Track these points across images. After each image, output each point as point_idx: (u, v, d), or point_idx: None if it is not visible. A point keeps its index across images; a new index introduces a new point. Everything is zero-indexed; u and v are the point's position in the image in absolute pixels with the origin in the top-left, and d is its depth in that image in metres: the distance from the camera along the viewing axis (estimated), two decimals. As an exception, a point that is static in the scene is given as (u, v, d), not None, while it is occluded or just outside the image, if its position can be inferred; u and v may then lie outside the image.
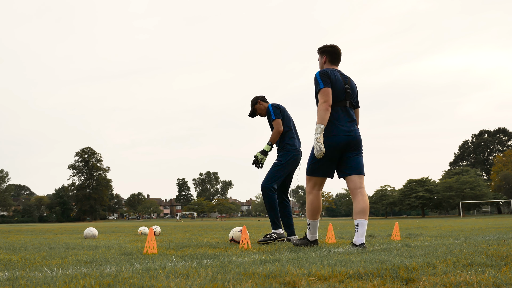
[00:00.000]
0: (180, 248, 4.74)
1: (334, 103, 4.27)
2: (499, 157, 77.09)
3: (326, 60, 4.52)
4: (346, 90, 4.36)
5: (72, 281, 2.37)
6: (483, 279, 2.19)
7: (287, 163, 5.24)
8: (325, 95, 4.22)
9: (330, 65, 4.51)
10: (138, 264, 3.19)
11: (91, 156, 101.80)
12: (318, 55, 4.60)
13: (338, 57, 4.53)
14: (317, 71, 4.38)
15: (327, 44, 4.55)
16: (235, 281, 2.27)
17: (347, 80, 4.43)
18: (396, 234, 5.98)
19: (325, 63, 4.53)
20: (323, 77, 4.28)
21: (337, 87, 4.31)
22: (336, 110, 4.29)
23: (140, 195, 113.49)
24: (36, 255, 4.21)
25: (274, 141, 5.27)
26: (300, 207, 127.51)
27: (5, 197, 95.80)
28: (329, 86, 4.24)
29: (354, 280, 2.26)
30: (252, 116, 5.65)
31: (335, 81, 4.30)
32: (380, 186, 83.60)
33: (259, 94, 5.69)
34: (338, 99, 4.31)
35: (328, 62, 4.52)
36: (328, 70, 4.35)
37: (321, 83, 4.26)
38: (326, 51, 4.52)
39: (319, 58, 4.60)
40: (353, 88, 4.47)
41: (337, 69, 4.50)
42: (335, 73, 4.36)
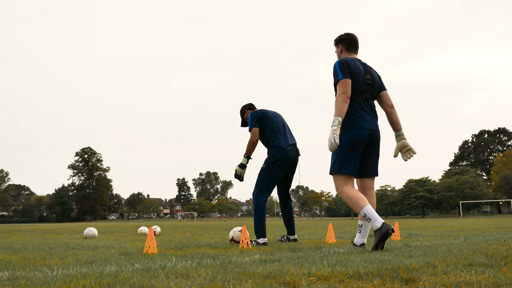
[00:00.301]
0: (180, 248, 4.74)
1: (355, 95, 4.06)
2: (499, 157, 77.08)
3: (342, 50, 4.32)
4: (367, 81, 4.14)
5: (72, 281, 2.37)
6: (483, 279, 2.19)
7: (271, 166, 5.11)
8: (344, 86, 3.99)
9: (348, 54, 4.30)
10: (138, 264, 3.19)
11: (91, 156, 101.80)
12: (335, 47, 4.41)
13: (354, 45, 4.31)
14: (336, 61, 4.15)
15: (341, 34, 4.37)
16: (235, 281, 2.27)
17: (367, 70, 4.21)
18: (396, 234, 5.98)
19: (341, 52, 4.33)
20: (342, 67, 4.06)
21: (358, 78, 4.08)
22: (358, 103, 4.07)
23: (140, 195, 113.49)
24: (36, 255, 4.21)
25: (249, 152, 5.20)
26: (300, 207, 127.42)
27: (5, 197, 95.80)
28: (348, 77, 4.01)
29: (354, 280, 2.26)
30: (243, 126, 5.68)
31: (355, 71, 4.07)
32: (380, 186, 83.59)
33: (246, 103, 5.71)
34: (360, 90, 4.08)
35: (345, 51, 4.31)
36: (348, 59, 4.12)
37: (340, 73, 4.03)
38: (341, 40, 4.33)
39: (335, 50, 4.41)
40: (374, 78, 4.23)
41: (357, 58, 4.29)
42: (355, 63, 4.14)
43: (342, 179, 4.08)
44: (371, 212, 3.86)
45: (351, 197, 3.97)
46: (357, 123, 4.02)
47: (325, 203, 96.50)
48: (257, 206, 5.08)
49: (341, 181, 4.08)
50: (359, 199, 3.92)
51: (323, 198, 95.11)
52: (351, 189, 4.02)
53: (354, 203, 3.95)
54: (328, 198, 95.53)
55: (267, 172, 5.13)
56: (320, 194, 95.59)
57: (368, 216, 3.87)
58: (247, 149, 5.21)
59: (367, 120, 4.07)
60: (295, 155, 5.26)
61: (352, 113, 4.04)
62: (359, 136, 4.00)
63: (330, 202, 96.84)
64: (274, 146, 5.17)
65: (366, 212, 3.87)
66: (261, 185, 5.12)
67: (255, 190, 5.14)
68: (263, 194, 5.10)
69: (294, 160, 5.26)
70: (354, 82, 4.05)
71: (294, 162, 5.27)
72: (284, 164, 5.15)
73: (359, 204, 3.90)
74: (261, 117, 5.28)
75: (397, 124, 4.28)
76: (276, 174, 5.14)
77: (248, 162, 5.25)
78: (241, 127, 5.73)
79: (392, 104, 4.30)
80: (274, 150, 5.16)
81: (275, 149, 5.15)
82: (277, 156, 5.13)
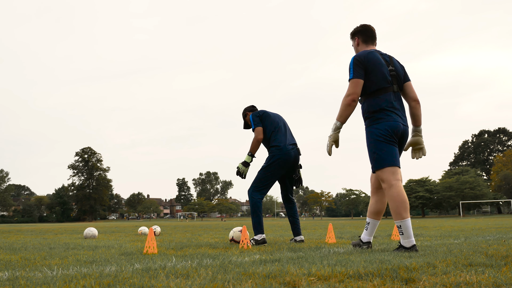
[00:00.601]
0: (180, 248, 4.74)
1: (381, 89, 3.79)
2: (499, 157, 77.08)
3: (359, 42, 4.08)
4: (391, 73, 3.87)
5: (72, 281, 2.37)
6: (483, 279, 2.19)
7: (270, 165, 5.14)
8: (352, 86, 3.76)
9: (365, 46, 4.05)
10: (138, 264, 3.19)
11: (91, 156, 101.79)
12: (351, 41, 4.19)
13: (372, 36, 4.06)
14: (353, 57, 3.89)
15: (356, 26, 4.14)
16: (235, 281, 2.27)
17: (389, 60, 3.95)
18: (396, 234, 5.98)
19: (358, 45, 4.09)
20: (356, 65, 3.81)
21: (381, 70, 3.82)
22: (388, 96, 3.80)
23: (140, 195, 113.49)
24: (36, 255, 4.21)
25: (254, 151, 5.22)
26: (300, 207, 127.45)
27: (5, 197, 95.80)
28: (360, 77, 3.77)
29: (354, 280, 2.26)
30: (246, 128, 5.71)
31: (376, 64, 3.81)
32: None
33: (248, 105, 5.74)
34: (385, 84, 3.82)
35: (362, 43, 4.07)
36: (365, 53, 3.86)
37: (352, 72, 3.80)
38: (357, 32, 4.10)
39: (352, 43, 4.18)
40: (398, 69, 3.95)
41: (376, 49, 4.03)
42: (374, 55, 3.87)
43: (387, 173, 3.73)
44: (408, 227, 3.65)
45: (398, 200, 3.67)
46: (389, 116, 3.77)
47: (325, 203, 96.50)
48: (253, 202, 5.11)
49: (387, 175, 3.72)
50: (404, 208, 3.65)
51: (323, 198, 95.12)
52: (400, 189, 3.70)
53: (397, 206, 3.66)
54: (328, 198, 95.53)
55: (265, 171, 5.15)
56: (320, 194, 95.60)
57: (403, 230, 3.65)
58: (252, 147, 5.23)
59: (398, 114, 3.82)
60: (295, 154, 5.27)
61: (382, 108, 3.78)
62: (394, 127, 3.75)
63: (330, 202, 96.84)
64: (274, 145, 5.19)
65: (403, 225, 3.65)
66: (258, 183, 5.15)
67: (251, 187, 5.16)
68: (259, 191, 5.12)
69: (295, 159, 5.27)
70: (377, 76, 3.81)
71: (295, 162, 5.29)
72: (283, 163, 5.17)
73: (401, 212, 3.65)
74: (262, 117, 5.32)
75: (418, 119, 4.02)
76: (274, 173, 5.16)
77: (252, 161, 5.26)
78: (243, 129, 5.75)
79: (416, 97, 4.00)
80: (274, 150, 5.18)
81: (276, 148, 5.18)
82: (277, 155, 5.15)
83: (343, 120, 3.79)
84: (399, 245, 3.73)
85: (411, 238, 3.66)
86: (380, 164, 3.74)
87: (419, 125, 4.04)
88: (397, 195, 3.66)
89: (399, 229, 3.68)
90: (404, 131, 3.85)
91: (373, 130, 3.80)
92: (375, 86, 3.81)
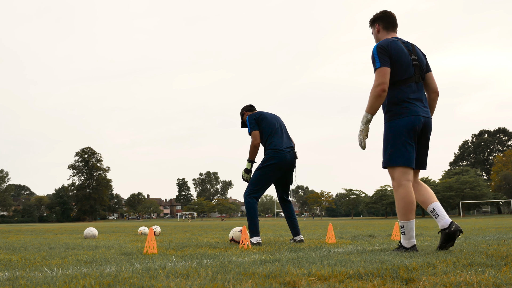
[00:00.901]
0: (180, 248, 4.74)
1: (403, 80, 3.66)
2: (499, 157, 77.10)
3: (380, 29, 3.91)
4: (413, 62, 3.73)
5: (72, 281, 2.37)
6: (483, 279, 2.19)
7: (265, 167, 5.12)
8: (381, 76, 3.60)
9: (386, 33, 3.89)
10: (138, 264, 3.19)
11: (91, 156, 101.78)
12: (371, 28, 4.02)
13: (393, 22, 3.90)
14: (375, 45, 3.73)
15: (376, 12, 3.98)
16: (235, 281, 2.27)
17: (412, 49, 3.80)
18: (396, 234, 5.99)
19: (379, 32, 3.92)
20: (380, 53, 3.65)
21: (404, 60, 3.68)
22: (409, 87, 3.68)
23: (140, 195, 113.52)
24: (36, 255, 4.21)
25: (252, 157, 5.22)
26: (300, 207, 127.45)
27: (5, 197, 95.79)
28: (387, 65, 3.62)
29: (354, 280, 2.26)
30: (243, 127, 5.69)
31: (398, 54, 3.67)
32: (380, 186, 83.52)
33: (246, 104, 5.72)
34: (408, 74, 3.68)
35: (383, 31, 3.90)
36: (388, 42, 3.71)
37: (378, 61, 3.64)
38: (378, 18, 3.93)
39: (372, 31, 4.01)
40: (421, 58, 3.82)
41: (397, 37, 3.86)
42: (397, 44, 3.72)
43: (398, 172, 3.65)
44: (411, 228, 3.62)
45: (406, 200, 3.61)
46: (410, 109, 3.63)
47: (325, 203, 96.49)
48: (248, 205, 5.11)
49: (398, 174, 3.66)
50: (410, 210, 3.61)
51: (323, 198, 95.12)
52: (409, 190, 3.63)
53: (403, 207, 3.62)
54: (328, 198, 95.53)
55: (260, 173, 5.14)
56: (320, 194, 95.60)
57: (406, 231, 3.63)
58: (250, 154, 5.23)
59: (419, 106, 3.67)
60: (291, 157, 5.23)
61: (403, 100, 3.64)
62: (413, 123, 3.62)
63: (330, 202, 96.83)
64: (270, 148, 5.17)
65: (406, 226, 3.62)
66: (252, 185, 5.14)
67: (247, 190, 5.17)
68: (253, 194, 5.12)
69: (291, 162, 5.23)
70: (399, 66, 3.66)
71: (291, 165, 5.25)
72: (279, 167, 5.14)
73: (407, 213, 3.61)
74: (259, 119, 5.28)
75: (432, 111, 3.92)
76: (269, 175, 5.14)
77: (252, 166, 5.27)
78: (241, 128, 5.74)
79: (437, 89, 3.89)
80: (270, 152, 5.16)
81: (272, 151, 5.15)
82: (273, 159, 5.12)
83: (374, 112, 3.63)
84: (399, 245, 3.72)
85: (412, 239, 3.65)
86: (393, 162, 3.66)
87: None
88: (405, 196, 3.61)
89: (402, 229, 3.65)
90: (426, 123, 3.71)
91: (392, 125, 3.67)
92: (397, 76, 3.68)
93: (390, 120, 3.70)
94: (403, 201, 3.61)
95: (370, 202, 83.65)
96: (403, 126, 3.62)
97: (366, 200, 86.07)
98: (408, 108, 3.63)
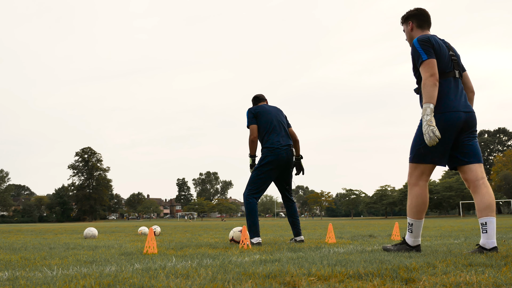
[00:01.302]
0: (180, 248, 4.74)
1: (442, 74, 3.58)
2: (499, 157, 77.10)
3: (413, 27, 3.82)
4: (452, 58, 3.68)
5: (72, 281, 2.37)
6: (483, 279, 2.19)
7: (262, 167, 5.09)
8: (430, 67, 3.50)
9: (421, 31, 3.80)
10: (138, 264, 3.19)
11: (91, 156, 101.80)
12: (403, 26, 3.93)
13: (427, 20, 3.82)
14: (415, 39, 3.64)
15: (410, 9, 3.88)
16: (235, 281, 2.27)
17: (449, 46, 3.76)
18: (396, 234, 5.99)
19: (412, 30, 3.83)
20: (424, 46, 3.57)
21: (443, 56, 3.62)
22: (448, 82, 3.59)
23: (140, 195, 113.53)
24: (36, 255, 4.21)
25: (251, 151, 5.20)
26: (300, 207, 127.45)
27: (5, 197, 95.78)
28: (433, 57, 3.54)
29: (354, 280, 2.26)
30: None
31: (439, 49, 3.60)
32: (380, 186, 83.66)
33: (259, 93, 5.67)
34: (447, 69, 3.61)
35: (416, 28, 3.82)
36: (428, 35, 3.65)
37: (423, 53, 3.55)
38: (411, 15, 3.84)
39: (404, 28, 3.93)
40: (458, 55, 3.77)
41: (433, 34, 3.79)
42: (436, 39, 3.66)
43: (419, 170, 3.59)
44: (418, 227, 3.60)
45: (420, 200, 3.58)
46: (450, 105, 3.52)
47: (325, 203, 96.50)
48: (248, 206, 5.08)
49: (417, 172, 3.60)
50: (420, 207, 3.57)
51: (323, 198, 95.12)
52: (424, 190, 3.58)
53: (416, 205, 3.58)
54: (328, 198, 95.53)
55: (257, 173, 5.11)
56: (320, 194, 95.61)
57: (414, 229, 3.60)
58: (249, 149, 5.21)
59: (460, 101, 3.57)
60: (287, 155, 5.17)
61: (444, 94, 3.54)
62: (453, 120, 3.50)
63: (330, 202, 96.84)
64: (266, 146, 5.14)
65: (415, 224, 3.60)
66: (251, 186, 5.12)
67: (246, 191, 5.14)
68: (253, 194, 5.09)
69: (287, 160, 5.18)
70: (441, 59, 3.59)
71: (287, 163, 5.20)
72: (275, 165, 5.11)
73: (418, 212, 3.58)
74: (258, 114, 5.24)
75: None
76: (267, 175, 5.11)
77: (255, 160, 5.22)
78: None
79: (473, 88, 3.84)
80: (266, 151, 5.13)
81: (268, 149, 5.12)
82: (269, 156, 5.09)
83: (434, 101, 3.46)
84: (403, 241, 3.69)
85: (418, 238, 3.63)
86: (419, 160, 3.58)
87: None
88: (420, 195, 3.58)
89: (410, 226, 3.63)
90: (468, 118, 3.56)
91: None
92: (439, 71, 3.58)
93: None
94: (417, 200, 3.58)
95: (370, 202, 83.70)
96: (441, 123, 3.48)
97: (366, 200, 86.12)
98: (448, 103, 3.53)
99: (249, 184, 5.15)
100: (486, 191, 3.51)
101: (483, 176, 3.58)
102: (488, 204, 3.46)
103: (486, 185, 3.53)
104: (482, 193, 3.50)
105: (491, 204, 3.47)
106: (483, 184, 3.53)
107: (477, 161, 3.58)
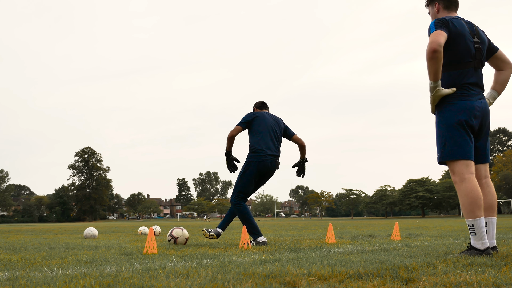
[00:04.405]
0: (180, 248, 4.74)
1: (461, 63, 3.33)
2: (499, 157, 77.09)
3: (439, 8, 3.55)
4: (475, 45, 3.36)
5: (72, 281, 2.37)
6: (483, 279, 2.19)
7: (246, 171, 5.14)
8: (433, 35, 3.23)
9: (448, 12, 3.52)
10: (138, 264, 3.19)
11: (91, 156, 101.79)
12: (428, 8, 3.68)
13: (455, 1, 3.54)
14: (433, 21, 3.38)
15: None
16: (235, 281, 2.27)
17: (474, 31, 3.42)
18: (396, 234, 5.99)
19: (438, 12, 3.56)
20: (438, 24, 3.30)
21: (464, 41, 3.32)
22: (467, 71, 3.33)
23: (140, 195, 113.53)
24: (36, 255, 4.21)
25: (227, 147, 5.25)
26: (300, 207, 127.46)
27: (5, 197, 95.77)
28: (444, 31, 3.25)
29: (354, 280, 2.26)
30: None
31: (460, 32, 3.31)
32: (380, 186, 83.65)
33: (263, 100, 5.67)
34: (467, 57, 3.33)
35: (443, 10, 3.54)
36: (450, 17, 3.37)
37: (433, 28, 3.30)
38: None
39: (429, 10, 3.66)
40: (484, 41, 3.45)
41: (460, 16, 3.51)
42: (460, 22, 3.37)
43: (459, 166, 3.27)
44: (481, 227, 3.18)
45: (472, 196, 3.19)
46: (465, 97, 3.30)
47: (325, 203, 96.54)
48: (239, 211, 5.12)
49: (461, 167, 3.27)
50: (478, 206, 3.18)
51: (323, 198, 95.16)
52: (473, 184, 3.23)
53: (470, 203, 3.19)
54: (328, 198, 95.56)
55: (242, 177, 5.18)
56: (320, 194, 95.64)
57: (476, 230, 3.18)
58: (226, 144, 5.28)
59: (477, 93, 3.35)
60: (272, 165, 5.20)
61: (459, 85, 3.31)
62: (469, 111, 3.27)
63: (330, 202, 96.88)
64: (253, 151, 5.18)
65: (476, 225, 3.17)
66: (238, 189, 5.18)
67: (233, 196, 5.20)
68: (240, 199, 5.16)
69: (270, 169, 5.22)
70: (459, 46, 3.32)
71: (270, 172, 5.24)
72: (258, 170, 5.14)
73: (474, 210, 3.17)
74: (253, 119, 5.29)
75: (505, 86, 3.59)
76: (250, 178, 5.16)
77: (229, 156, 5.27)
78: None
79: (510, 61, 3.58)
80: (252, 155, 5.17)
81: (254, 154, 5.15)
82: (252, 160, 5.15)
83: (434, 78, 3.24)
84: (469, 246, 3.28)
85: (484, 239, 3.18)
86: (453, 155, 3.28)
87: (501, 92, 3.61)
88: (471, 191, 3.20)
89: (471, 228, 3.20)
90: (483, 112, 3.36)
91: (445, 115, 3.33)
92: (455, 57, 3.35)
93: (443, 109, 3.36)
94: (469, 197, 3.20)
95: (370, 202, 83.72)
96: (456, 116, 3.28)
97: (366, 200, 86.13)
98: (463, 94, 3.31)
99: (235, 189, 5.21)
100: (489, 190, 3.41)
101: (486, 175, 3.46)
102: (490, 204, 3.37)
103: (489, 185, 3.43)
104: (484, 192, 3.40)
105: (493, 204, 3.38)
106: (485, 183, 3.43)
107: (484, 161, 3.46)
